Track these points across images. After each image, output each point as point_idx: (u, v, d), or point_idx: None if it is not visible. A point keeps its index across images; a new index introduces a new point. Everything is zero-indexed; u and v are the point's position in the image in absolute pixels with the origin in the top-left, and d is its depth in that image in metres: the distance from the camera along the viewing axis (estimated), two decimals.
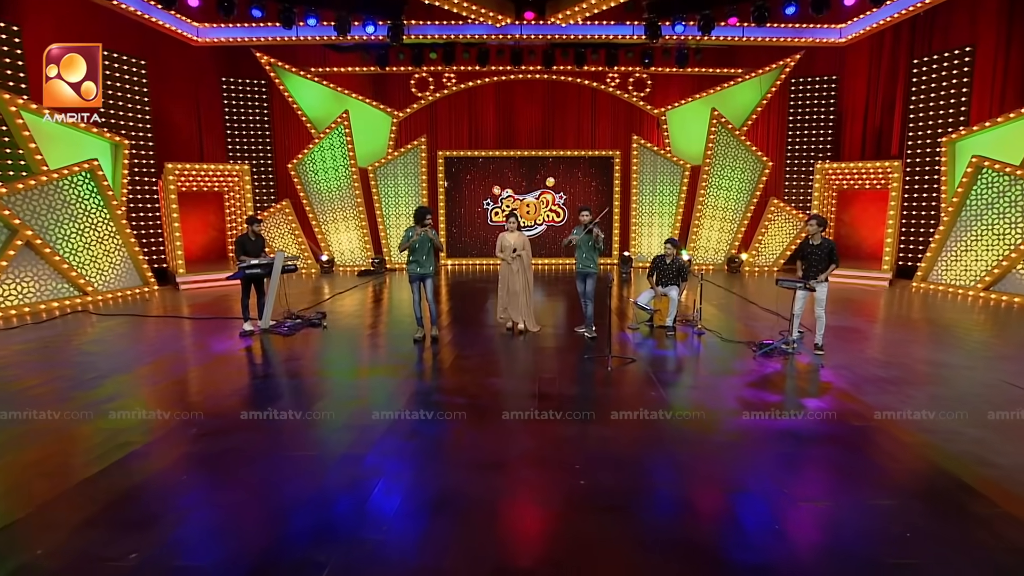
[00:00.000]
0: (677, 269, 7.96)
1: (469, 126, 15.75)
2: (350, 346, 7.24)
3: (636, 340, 7.27)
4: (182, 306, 9.95)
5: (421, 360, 6.51)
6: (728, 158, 14.17)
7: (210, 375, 6.02)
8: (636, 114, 15.39)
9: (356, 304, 10.01)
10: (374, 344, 7.30)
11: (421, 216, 6.96)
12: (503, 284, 7.44)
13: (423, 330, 7.22)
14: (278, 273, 7.79)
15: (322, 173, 14.40)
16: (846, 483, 3.65)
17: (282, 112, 14.92)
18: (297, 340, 7.39)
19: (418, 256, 7.00)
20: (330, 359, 6.62)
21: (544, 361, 6.34)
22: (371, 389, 5.60)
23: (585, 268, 7.16)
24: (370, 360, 6.68)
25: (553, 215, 15.60)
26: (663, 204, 14.94)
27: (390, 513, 3.26)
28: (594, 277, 7.20)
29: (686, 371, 6.23)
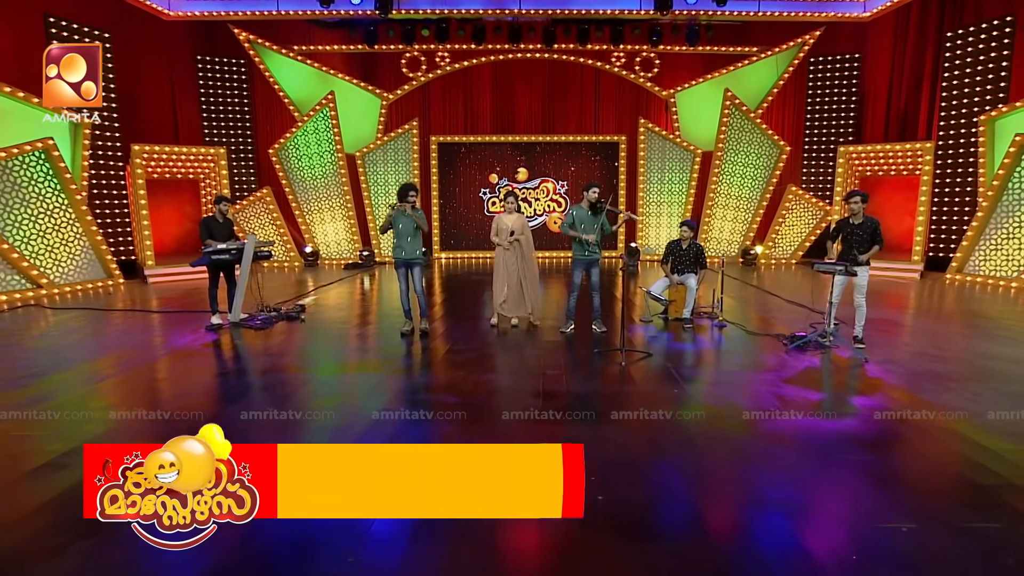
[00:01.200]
0: (695, 255, 7.39)
1: (464, 109, 15.23)
2: (329, 341, 6.66)
3: (650, 333, 6.74)
4: (148, 300, 9.36)
5: (408, 355, 5.95)
6: (742, 143, 13.66)
7: (162, 373, 5.39)
8: (643, 96, 14.88)
9: (340, 298, 9.52)
10: (357, 338, 6.73)
11: (404, 193, 6.35)
12: (499, 274, 6.81)
13: (411, 323, 6.67)
14: (249, 259, 7.16)
15: (306, 159, 13.87)
16: (931, 500, 3.03)
17: (264, 94, 14.39)
18: (270, 335, 6.80)
19: (401, 239, 6.43)
20: (305, 355, 6.01)
21: (548, 356, 5.76)
22: (348, 387, 4.99)
23: (591, 255, 6.42)
24: (350, 355, 6.08)
25: (555, 205, 15.09)
26: (672, 193, 14.43)
27: (365, 535, 2.62)
28: (599, 264, 6.59)
29: (710, 365, 5.64)
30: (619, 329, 5.87)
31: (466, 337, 6.60)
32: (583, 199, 6.47)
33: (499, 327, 6.91)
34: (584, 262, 6.54)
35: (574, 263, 6.63)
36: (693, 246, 7.41)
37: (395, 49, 14.47)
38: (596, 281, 6.59)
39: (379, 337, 6.74)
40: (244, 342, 6.51)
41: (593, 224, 6.39)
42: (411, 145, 14.38)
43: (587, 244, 6.37)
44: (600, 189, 6.46)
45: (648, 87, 14.70)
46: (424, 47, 14.42)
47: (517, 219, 6.76)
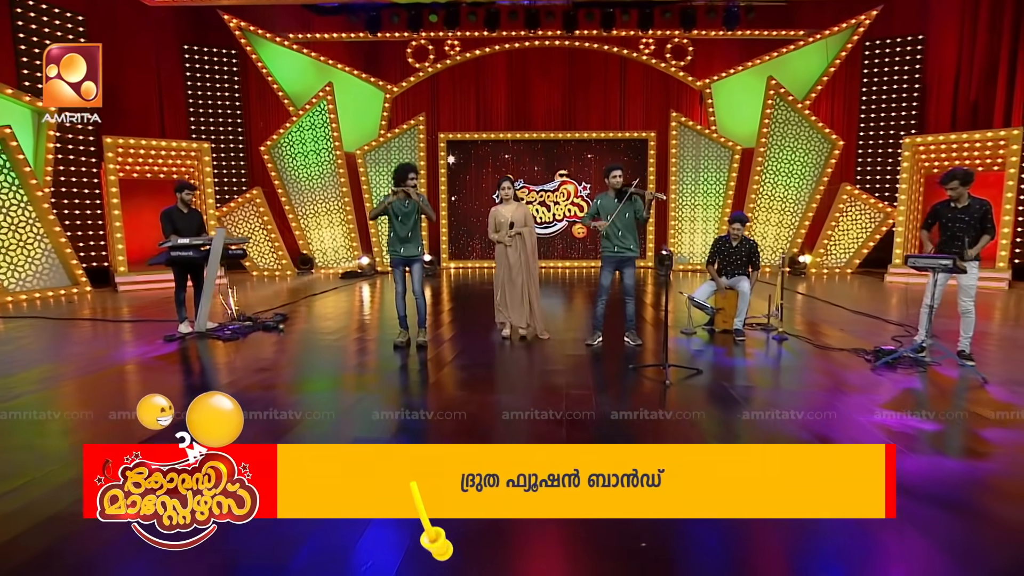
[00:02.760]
0: (747, 254, 6.52)
1: (476, 104, 14.80)
2: (310, 353, 5.91)
3: (694, 347, 5.91)
4: (115, 309, 8.73)
5: (401, 370, 5.17)
6: (788, 137, 12.91)
7: (88, 390, 4.59)
8: (674, 87, 14.29)
9: (332, 307, 8.88)
10: (341, 351, 5.97)
11: (403, 175, 5.64)
12: (499, 276, 6.11)
13: (407, 333, 5.93)
14: (217, 258, 6.40)
15: (301, 158, 13.36)
16: None
17: (258, 87, 13.98)
18: (240, 347, 6.07)
19: (400, 231, 5.73)
20: (274, 370, 5.21)
21: (571, 373, 4.93)
22: (322, 408, 4.15)
23: (622, 252, 5.66)
24: (332, 370, 5.29)
25: (576, 210, 14.48)
26: (708, 195, 13.72)
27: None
28: (633, 264, 5.80)
29: (779, 385, 4.73)
30: (662, 340, 5.04)
31: (473, 350, 5.84)
32: (607, 186, 5.76)
33: (512, 339, 6.12)
34: (614, 260, 5.77)
35: (603, 262, 5.88)
36: (745, 243, 6.55)
37: (400, 37, 14.02)
38: (630, 284, 5.83)
39: (369, 350, 5.99)
40: (205, 355, 5.74)
41: (624, 213, 5.65)
42: (417, 143, 13.91)
43: (616, 237, 5.64)
44: (624, 171, 5.75)
45: (680, 77, 14.08)
46: (432, 34, 13.99)
47: (517, 209, 6.04)
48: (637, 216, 5.67)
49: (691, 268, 13.53)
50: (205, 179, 11.48)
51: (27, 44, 10.08)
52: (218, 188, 13.24)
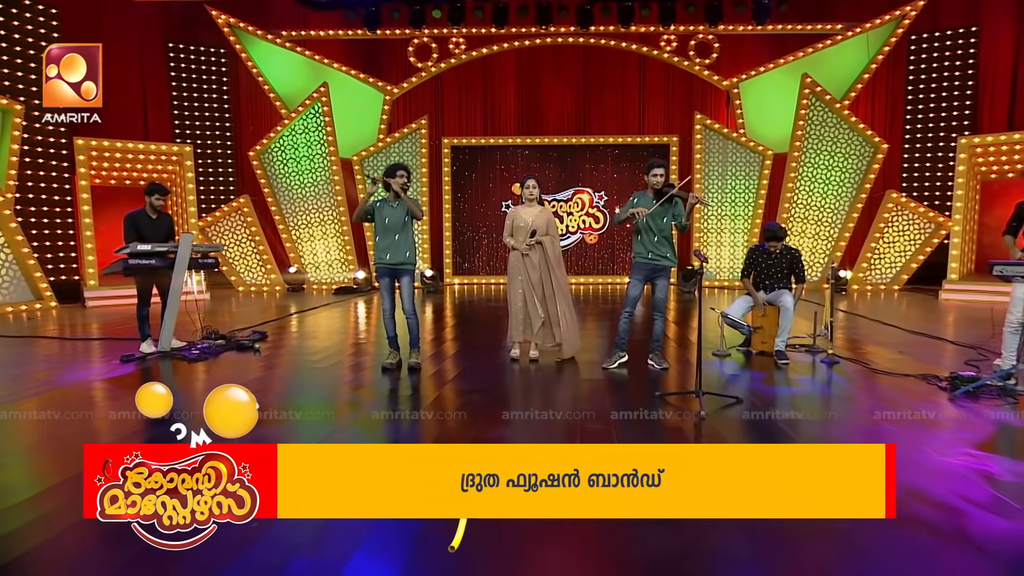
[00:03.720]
0: (789, 264, 6.05)
1: (483, 106, 14.57)
2: (284, 377, 5.46)
3: (729, 371, 5.45)
4: (78, 325, 8.39)
5: (389, 397, 4.72)
6: (825, 140, 12.51)
7: (17, 417, 4.11)
8: (699, 87, 13.98)
9: (321, 325, 8.54)
10: (323, 374, 5.54)
11: (392, 172, 5.33)
12: (515, 289, 5.67)
13: (397, 354, 5.52)
14: (183, 267, 5.97)
15: (293, 164, 13.10)
16: None
17: (249, 89, 13.81)
18: (208, 368, 5.65)
19: (387, 236, 5.35)
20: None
21: (588, 402, 4.49)
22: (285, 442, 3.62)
23: (656, 259, 5.29)
24: (307, 396, 4.81)
25: (591, 221, 14.16)
26: (736, 204, 13.31)
27: None
28: (667, 276, 5.39)
29: (838, 418, 4.16)
30: (692, 363, 4.51)
31: (473, 372, 5.40)
32: (646, 185, 5.37)
33: (521, 362, 5.67)
34: (646, 268, 5.36)
35: (633, 270, 5.45)
36: (787, 252, 6.08)
37: (401, 34, 13.82)
38: (661, 298, 5.38)
39: (353, 373, 5.56)
40: (163, 378, 5.27)
41: (661, 215, 5.26)
42: (419, 148, 13.65)
43: (651, 243, 5.26)
44: (666, 169, 5.34)
45: (705, 76, 13.74)
46: (435, 32, 13.77)
47: (541, 213, 5.63)
48: (676, 222, 5.28)
49: (718, 285, 13.12)
50: (187, 185, 11.18)
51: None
52: (203, 196, 13.03)
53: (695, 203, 5.25)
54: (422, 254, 13.55)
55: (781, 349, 5.72)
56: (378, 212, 5.37)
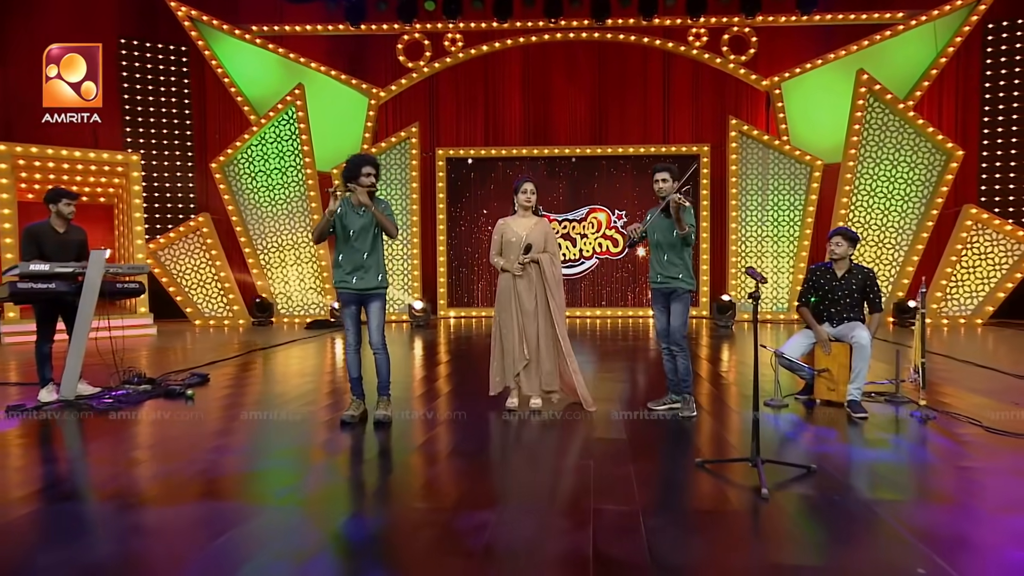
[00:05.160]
0: (861, 288, 5.38)
1: (484, 112, 14.77)
2: (211, 435, 4.75)
3: (785, 427, 4.78)
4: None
5: (349, 462, 4.03)
6: (887, 148, 12.24)
7: None
8: (733, 88, 14.02)
9: (282, 365, 8.08)
10: (261, 430, 4.84)
11: (354, 171, 4.77)
12: (508, 321, 5.26)
13: (362, 404, 4.95)
14: (93, 294, 5.29)
15: (262, 177, 12.85)
16: None
17: (217, 93, 13.72)
18: (118, 422, 4.92)
19: (352, 253, 4.84)
20: (138, 463, 4.03)
21: (607, 472, 3.73)
22: (174, 538, 2.90)
23: (666, 282, 5.07)
24: (231, 464, 4.04)
25: (609, 244, 13.99)
26: (779, 222, 13.05)
27: None
28: (684, 299, 5.03)
29: (959, 500, 3.33)
30: (736, 414, 4.23)
31: (459, 429, 4.73)
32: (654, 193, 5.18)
33: (520, 413, 5.14)
34: (659, 293, 5.16)
35: (652, 296, 5.33)
36: (857, 272, 5.41)
37: (389, 30, 13.77)
38: (676, 326, 5.06)
39: (302, 428, 4.84)
40: (50, 436, 4.58)
41: (671, 230, 4.96)
42: (409, 160, 13.43)
43: (660, 262, 5.08)
44: (672, 173, 5.03)
45: (741, 76, 13.66)
46: (429, 27, 13.79)
47: (536, 225, 5.28)
48: (678, 236, 4.95)
49: (760, 319, 12.44)
50: (133, 201, 10.76)
51: None
52: (157, 215, 12.87)
53: (675, 207, 4.71)
54: (411, 283, 13.11)
55: (856, 399, 5.00)
56: (340, 222, 4.81)
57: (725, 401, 5.63)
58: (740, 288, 12.82)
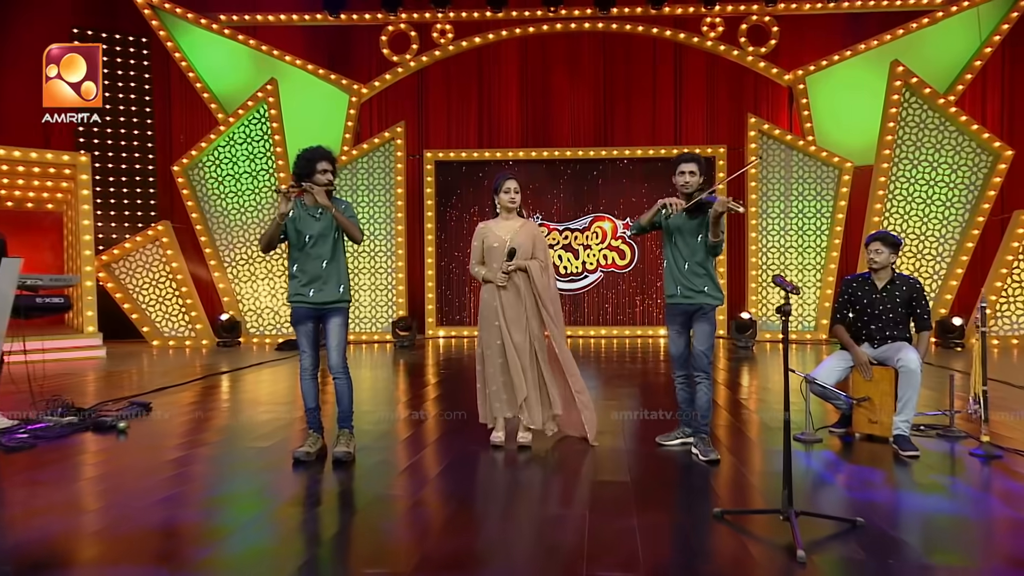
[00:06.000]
0: (907, 300, 5.05)
1: (478, 111, 14.69)
2: (143, 474, 4.37)
3: (821, 466, 4.49)
4: None
5: (298, 515, 3.64)
6: (926, 147, 12.06)
7: None
8: (751, 84, 14.05)
9: (242, 392, 7.95)
10: (209, 470, 4.59)
11: (308, 166, 4.52)
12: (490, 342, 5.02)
13: (319, 438, 4.69)
14: (4, 309, 4.95)
15: (230, 182, 12.71)
16: None
17: (182, 88, 13.68)
18: (28, 461, 4.58)
19: (309, 261, 4.64)
20: (54, 515, 3.64)
21: (606, 528, 3.37)
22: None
23: (689, 297, 4.67)
24: (161, 515, 3.72)
25: (615, 256, 13.85)
26: (804, 231, 12.92)
27: None
28: (710, 317, 4.67)
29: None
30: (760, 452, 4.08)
31: (435, 470, 4.47)
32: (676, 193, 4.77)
33: (506, 450, 4.86)
34: (680, 311, 4.72)
35: (667, 316, 4.90)
36: (901, 284, 5.08)
37: (372, 20, 13.70)
38: (701, 351, 4.67)
39: (250, 468, 4.55)
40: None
41: (695, 234, 4.61)
42: (393, 163, 13.28)
43: (680, 273, 4.69)
44: (700, 165, 4.68)
45: (761, 69, 13.57)
46: (416, 16, 13.74)
47: (523, 228, 5.02)
48: (709, 243, 4.59)
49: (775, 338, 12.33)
50: (81, 207, 10.54)
51: None
52: (113, 223, 12.73)
53: (723, 212, 4.34)
54: (395, 299, 13.02)
55: (904, 433, 4.66)
56: (292, 226, 4.55)
57: (746, 434, 5.35)
58: (761, 304, 12.62)
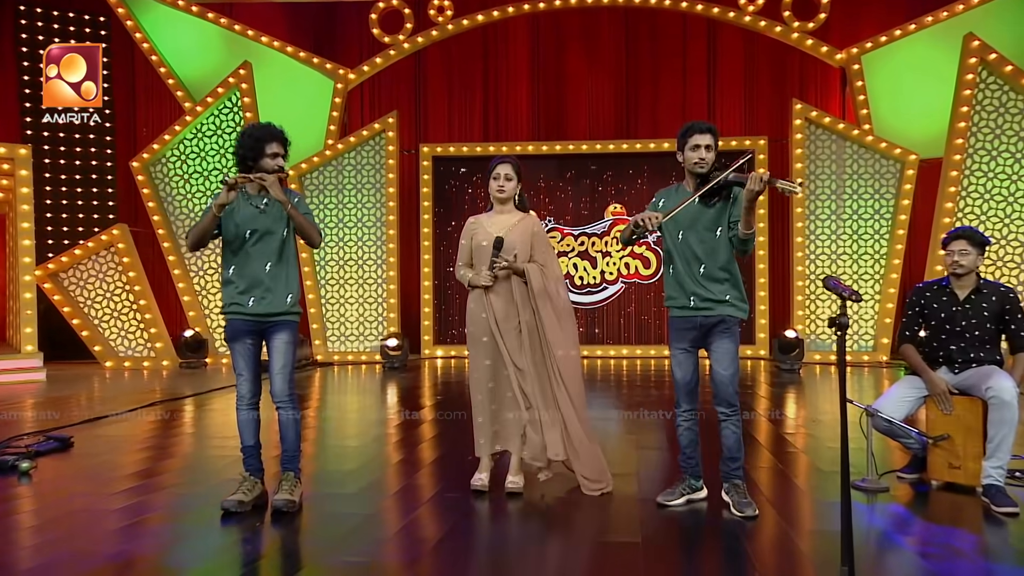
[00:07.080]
0: (997, 315, 4.66)
1: (482, 99, 14.63)
2: (35, 532, 4.12)
3: (888, 523, 4.27)
4: None
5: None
6: (1006, 136, 11.63)
7: None
8: (797, 65, 13.90)
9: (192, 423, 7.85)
10: (117, 523, 4.24)
11: (256, 147, 4.28)
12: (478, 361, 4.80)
13: (257, 483, 4.39)
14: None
15: (197, 180, 12.67)
16: None
17: (146, 74, 13.66)
18: None
19: (246, 264, 4.39)
20: None
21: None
22: None
23: (705, 307, 4.20)
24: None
25: (639, 264, 13.63)
26: (860, 235, 12.56)
27: None
28: (734, 333, 4.25)
29: None
30: (810, 504, 4.30)
31: (396, 524, 4.24)
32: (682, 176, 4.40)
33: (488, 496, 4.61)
34: (690, 326, 4.28)
35: (670, 331, 4.46)
36: (990, 293, 4.69)
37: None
38: (726, 376, 4.18)
39: (169, 522, 4.33)
40: None
41: (711, 226, 4.17)
42: (384, 159, 13.04)
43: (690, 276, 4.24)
44: (715, 135, 4.18)
45: (808, 48, 13.23)
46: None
47: (520, 222, 4.79)
48: (732, 234, 4.09)
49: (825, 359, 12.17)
50: (20, 207, 10.36)
51: None
52: (64, 227, 12.71)
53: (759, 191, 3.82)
54: (386, 313, 12.76)
55: (997, 483, 4.26)
56: (229, 219, 4.24)
57: (792, 479, 4.98)
58: (809, 320, 12.31)
